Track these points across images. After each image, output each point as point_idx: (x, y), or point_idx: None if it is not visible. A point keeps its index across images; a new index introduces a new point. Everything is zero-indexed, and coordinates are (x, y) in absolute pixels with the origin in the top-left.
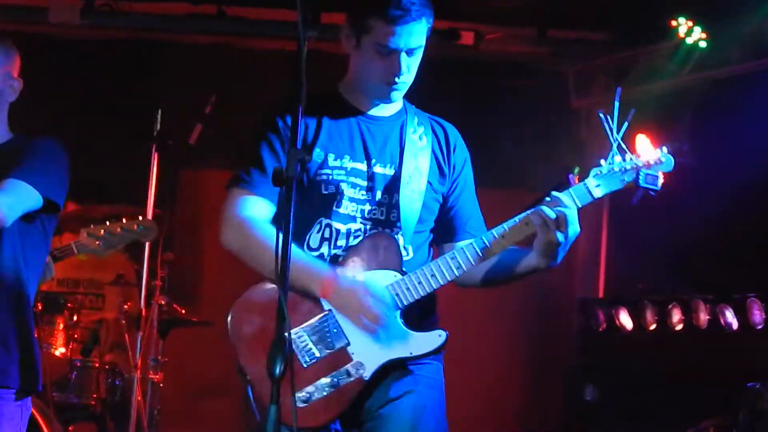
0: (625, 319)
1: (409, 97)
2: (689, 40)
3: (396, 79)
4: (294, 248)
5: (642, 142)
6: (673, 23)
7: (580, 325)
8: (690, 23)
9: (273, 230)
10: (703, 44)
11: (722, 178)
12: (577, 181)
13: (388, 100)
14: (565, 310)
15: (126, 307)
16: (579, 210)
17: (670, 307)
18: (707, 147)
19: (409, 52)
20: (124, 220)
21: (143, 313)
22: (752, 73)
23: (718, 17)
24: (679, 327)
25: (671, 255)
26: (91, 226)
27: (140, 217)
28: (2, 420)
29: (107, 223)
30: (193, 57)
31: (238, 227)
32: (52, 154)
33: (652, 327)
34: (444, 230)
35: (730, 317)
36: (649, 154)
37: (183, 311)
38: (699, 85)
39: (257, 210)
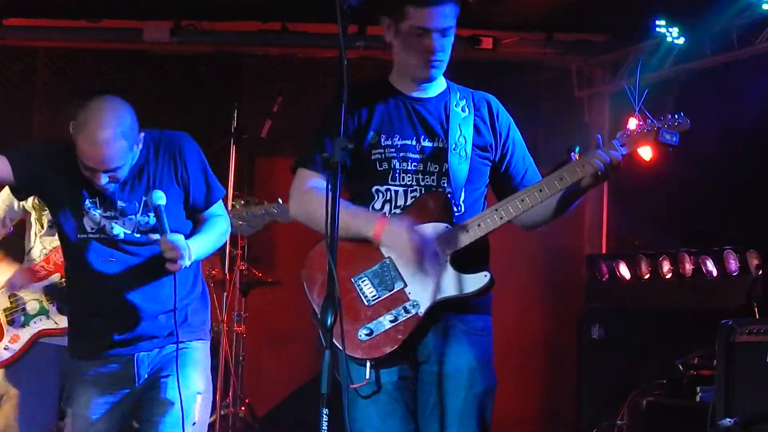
0: (624, 270)
1: None
2: (669, 38)
3: (433, 57)
4: (348, 204)
5: (634, 123)
6: (656, 24)
7: (587, 276)
8: (666, 24)
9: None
10: (680, 41)
11: (701, 153)
12: (579, 157)
13: (429, 78)
14: (575, 264)
15: (213, 272)
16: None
17: (660, 259)
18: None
19: (443, 32)
20: (264, 203)
21: (227, 277)
22: (723, 63)
23: (692, 18)
24: (669, 276)
25: (661, 216)
26: (236, 207)
27: (279, 201)
28: (207, 361)
29: (247, 204)
30: (262, 65)
31: (298, 199)
32: None
33: (647, 276)
34: (504, 188)
35: (711, 266)
36: (668, 117)
37: (260, 274)
38: (679, 76)
39: (316, 183)
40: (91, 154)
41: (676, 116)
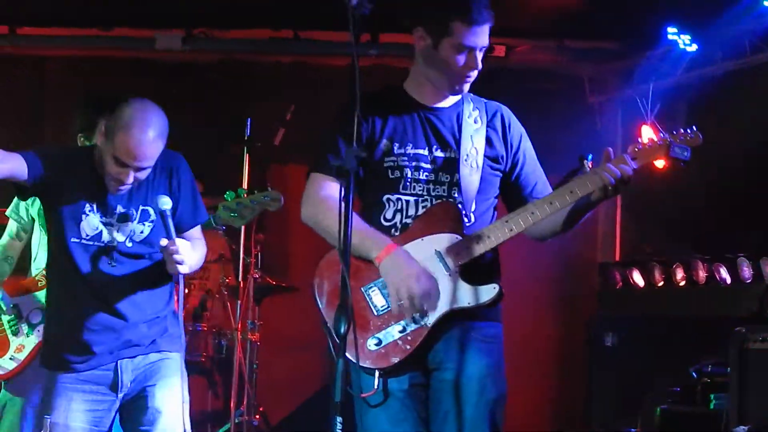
0: (638, 278)
1: None
2: (681, 45)
3: (470, 73)
4: (360, 222)
5: (647, 132)
6: (668, 32)
7: (600, 283)
8: (678, 31)
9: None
10: (692, 48)
11: (714, 160)
12: (591, 166)
13: (460, 92)
14: (588, 272)
15: (227, 280)
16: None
17: (674, 266)
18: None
19: (481, 50)
20: (255, 192)
21: (241, 285)
22: (734, 70)
23: (704, 25)
24: (682, 283)
25: (674, 224)
26: (227, 200)
27: (270, 188)
28: (183, 375)
29: (238, 197)
30: (275, 73)
31: (313, 206)
32: None
33: (660, 284)
34: (513, 198)
35: (724, 274)
36: (680, 131)
37: (274, 282)
38: (691, 83)
39: (332, 190)
40: (131, 150)
41: (688, 131)
